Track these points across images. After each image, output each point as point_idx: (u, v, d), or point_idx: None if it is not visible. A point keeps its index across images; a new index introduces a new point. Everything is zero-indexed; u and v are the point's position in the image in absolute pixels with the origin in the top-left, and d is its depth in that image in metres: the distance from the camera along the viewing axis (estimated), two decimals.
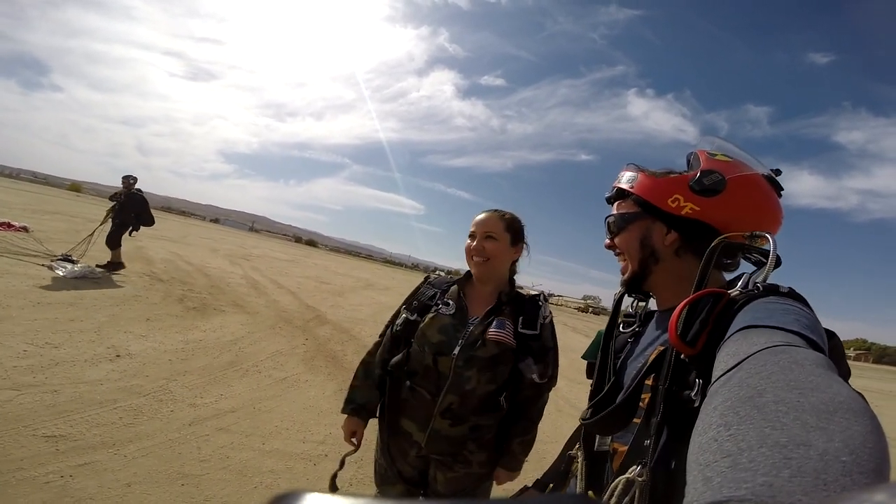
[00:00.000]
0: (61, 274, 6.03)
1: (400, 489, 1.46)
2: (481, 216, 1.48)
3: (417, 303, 1.48)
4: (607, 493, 0.68)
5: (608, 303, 1.03)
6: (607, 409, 0.73)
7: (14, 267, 5.94)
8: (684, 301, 0.62)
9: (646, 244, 0.81)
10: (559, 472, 0.96)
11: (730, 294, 0.61)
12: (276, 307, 7.81)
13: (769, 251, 0.66)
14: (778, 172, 0.80)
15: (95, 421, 2.62)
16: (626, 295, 0.91)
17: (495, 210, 1.50)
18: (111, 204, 7.56)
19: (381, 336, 1.57)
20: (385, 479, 1.48)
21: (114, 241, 7.35)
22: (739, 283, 0.63)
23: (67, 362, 3.34)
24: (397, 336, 1.49)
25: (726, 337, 0.52)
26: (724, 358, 0.46)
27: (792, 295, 0.59)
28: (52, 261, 6.56)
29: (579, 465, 0.83)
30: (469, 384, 1.33)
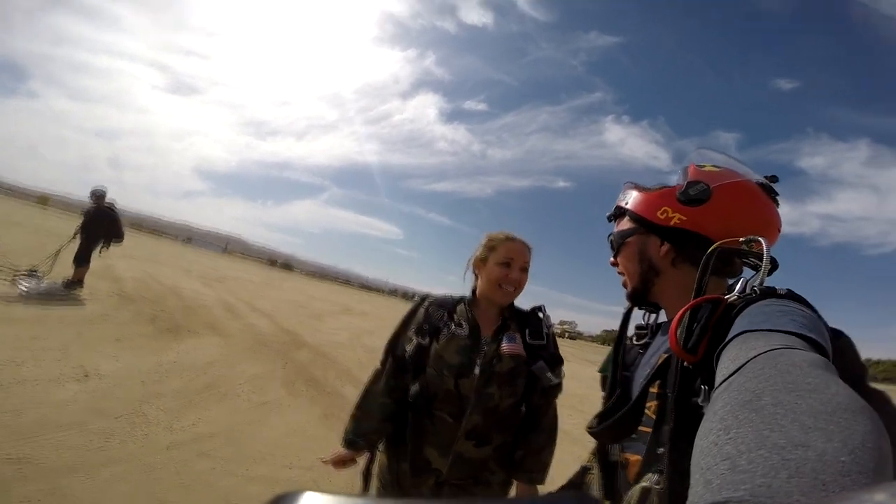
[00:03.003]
0: (24, 290, 5.68)
1: None
2: (515, 245, 1.46)
3: (428, 326, 1.44)
4: (624, 502, 0.69)
5: (584, 328, 1.01)
6: (611, 419, 0.74)
7: None
8: (682, 309, 0.63)
9: (643, 258, 0.83)
10: (574, 483, 0.95)
11: (727, 299, 0.61)
12: (253, 330, 7.54)
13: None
14: (774, 179, 0.81)
15: (63, 444, 2.40)
16: (637, 308, 0.92)
17: (520, 239, 1.49)
18: (81, 219, 7.22)
19: (383, 363, 1.50)
20: None
21: (81, 258, 6.98)
22: (737, 288, 0.63)
23: (30, 381, 3.08)
24: (402, 361, 1.44)
25: (725, 342, 0.53)
26: (725, 364, 0.47)
27: (790, 296, 0.59)
28: (15, 276, 6.18)
29: (595, 476, 0.83)
30: (492, 401, 1.33)
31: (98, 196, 7.17)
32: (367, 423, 1.44)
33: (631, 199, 0.86)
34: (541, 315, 1.49)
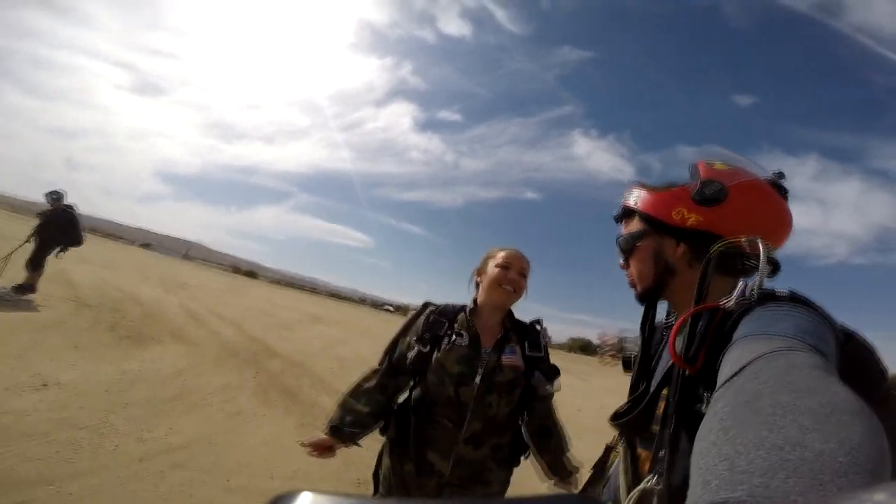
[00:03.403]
0: None
1: None
2: (514, 252, 1.56)
3: (430, 335, 1.47)
4: (626, 502, 0.70)
5: (551, 335, 1.08)
6: (626, 417, 0.75)
7: None
8: (680, 319, 0.64)
9: (659, 259, 0.81)
10: (599, 464, 0.97)
11: (724, 307, 0.62)
12: (219, 339, 7.27)
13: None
14: (781, 176, 0.80)
15: (28, 455, 2.24)
16: (644, 304, 0.91)
17: (519, 251, 1.57)
18: (38, 221, 6.77)
19: (380, 363, 1.53)
20: None
21: (35, 262, 6.52)
22: (735, 293, 0.63)
23: None
24: (399, 365, 1.48)
25: (727, 349, 0.53)
26: (727, 367, 0.47)
27: (792, 298, 0.59)
28: None
29: (621, 456, 0.82)
30: (491, 410, 1.38)
31: (56, 198, 6.76)
32: (355, 414, 1.45)
33: (640, 199, 0.83)
34: (539, 328, 1.56)
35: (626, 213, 0.88)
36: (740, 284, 0.63)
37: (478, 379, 1.37)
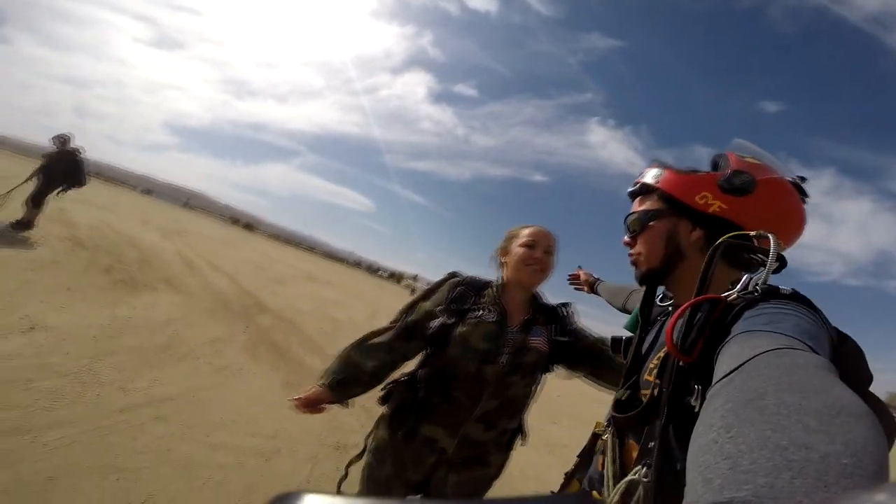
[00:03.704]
0: None
1: (401, 494, 1.37)
2: (539, 229, 1.48)
3: (456, 306, 1.41)
4: (612, 493, 0.70)
5: None
6: (632, 412, 0.73)
7: None
8: (680, 309, 0.62)
9: (671, 241, 0.80)
10: (585, 451, 0.95)
11: (726, 299, 0.61)
12: (213, 289, 7.28)
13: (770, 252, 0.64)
14: (803, 179, 0.80)
15: (5, 403, 2.23)
16: (645, 286, 0.91)
17: (545, 228, 1.49)
18: (40, 162, 6.71)
19: (393, 322, 1.46)
20: (381, 484, 1.36)
21: (35, 200, 6.49)
22: (738, 286, 0.63)
23: None
24: (414, 331, 1.42)
25: (725, 341, 0.53)
26: (726, 360, 0.47)
27: (794, 297, 0.58)
28: None
29: (608, 446, 0.80)
30: (511, 389, 1.35)
31: (63, 140, 6.74)
32: (355, 369, 1.36)
33: (662, 178, 0.82)
34: (566, 311, 1.51)
35: (644, 191, 0.86)
36: (744, 278, 0.63)
37: (504, 358, 1.32)
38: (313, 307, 9.33)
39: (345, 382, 1.35)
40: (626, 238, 0.89)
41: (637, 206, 0.87)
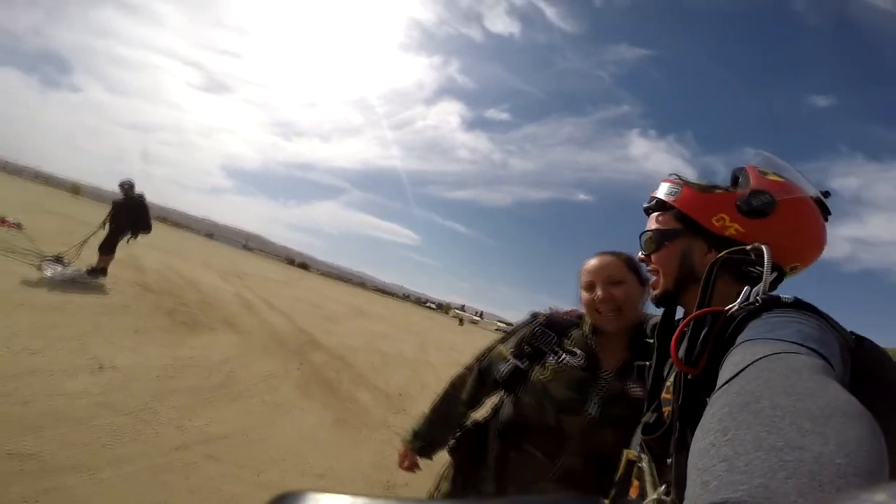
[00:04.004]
0: (49, 275, 5.71)
1: None
2: (596, 263, 1.23)
3: (531, 348, 1.25)
4: None
5: None
6: (657, 432, 0.71)
7: (2, 264, 5.63)
8: (683, 322, 0.63)
9: (685, 262, 0.77)
10: (621, 479, 0.87)
11: (727, 312, 0.61)
12: (269, 328, 7.49)
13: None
14: (827, 195, 0.76)
15: (68, 440, 2.30)
16: (661, 307, 0.87)
17: (606, 253, 1.25)
18: (110, 209, 7.29)
19: (469, 369, 1.37)
20: None
21: (107, 247, 7.03)
22: (739, 298, 0.62)
23: (44, 371, 3.01)
24: (487, 375, 1.31)
25: (728, 353, 0.52)
26: (727, 369, 0.47)
27: (797, 305, 0.57)
28: (41, 261, 6.23)
29: (645, 468, 0.75)
30: (601, 446, 1.10)
31: (127, 187, 7.22)
32: (441, 430, 1.35)
33: (679, 196, 0.79)
34: None
35: (660, 207, 0.84)
36: (745, 290, 0.63)
37: (593, 409, 1.12)
38: (364, 342, 9.36)
39: (435, 443, 1.35)
40: (641, 255, 0.87)
41: (652, 224, 0.84)
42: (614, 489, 0.89)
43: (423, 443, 1.35)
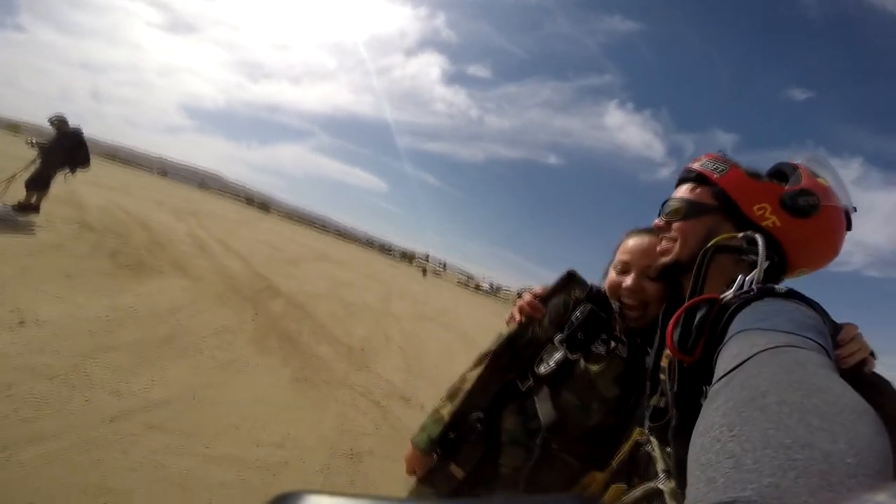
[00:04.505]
0: None
1: None
2: (637, 241, 1.04)
3: (585, 335, 1.04)
4: (630, 500, 0.73)
5: None
6: (662, 419, 0.72)
7: None
8: (679, 310, 0.62)
9: (709, 240, 0.74)
10: (625, 460, 0.88)
11: (722, 299, 0.61)
12: (224, 272, 7.09)
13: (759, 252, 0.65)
14: (854, 210, 0.78)
15: None
16: (662, 278, 0.87)
17: (644, 234, 1.04)
18: (42, 143, 6.57)
19: (493, 364, 1.15)
20: None
21: (38, 182, 6.35)
22: (734, 287, 0.63)
23: None
24: (517, 362, 1.12)
25: (724, 341, 0.52)
26: (726, 359, 0.46)
27: (791, 295, 0.58)
28: None
29: (658, 455, 0.75)
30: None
31: (58, 123, 6.59)
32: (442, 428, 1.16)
33: (725, 174, 0.78)
34: None
35: (699, 180, 0.82)
36: (739, 278, 0.63)
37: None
38: (326, 289, 9.12)
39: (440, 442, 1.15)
40: (660, 221, 0.84)
41: (685, 193, 0.83)
42: (617, 468, 0.89)
43: (434, 447, 1.16)
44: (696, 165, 0.83)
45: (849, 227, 0.77)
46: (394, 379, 4.76)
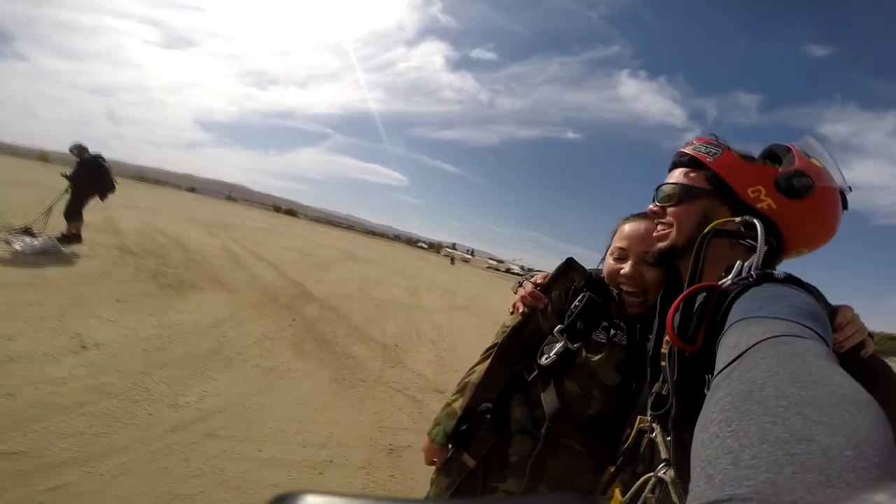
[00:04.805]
0: (19, 249, 5.45)
1: None
2: (633, 227, 1.05)
3: (585, 324, 1.06)
4: (631, 490, 0.71)
5: None
6: (664, 408, 0.72)
7: None
8: (678, 299, 0.62)
9: (704, 223, 0.75)
10: (629, 449, 0.87)
11: (721, 286, 0.61)
12: (259, 283, 7.40)
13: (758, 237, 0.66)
14: (850, 190, 0.78)
15: (61, 431, 2.25)
16: (660, 263, 0.88)
17: (641, 219, 1.05)
18: (68, 175, 6.98)
19: (502, 347, 1.18)
20: None
21: (73, 212, 6.78)
22: (732, 272, 0.63)
23: (24, 357, 2.90)
24: (521, 352, 1.16)
25: (724, 330, 0.52)
26: (725, 351, 0.46)
27: (789, 280, 0.58)
28: (9, 234, 5.92)
29: (662, 443, 0.74)
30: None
31: (77, 151, 6.98)
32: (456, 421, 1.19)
33: (717, 157, 0.78)
34: None
35: (692, 164, 0.82)
36: (738, 264, 0.63)
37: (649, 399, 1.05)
38: (356, 289, 9.36)
39: (454, 433, 1.18)
40: (655, 206, 0.85)
41: (678, 178, 0.83)
42: (622, 458, 0.88)
43: (448, 440, 1.21)
44: (688, 149, 0.83)
45: (845, 207, 0.77)
46: (426, 373, 4.92)
